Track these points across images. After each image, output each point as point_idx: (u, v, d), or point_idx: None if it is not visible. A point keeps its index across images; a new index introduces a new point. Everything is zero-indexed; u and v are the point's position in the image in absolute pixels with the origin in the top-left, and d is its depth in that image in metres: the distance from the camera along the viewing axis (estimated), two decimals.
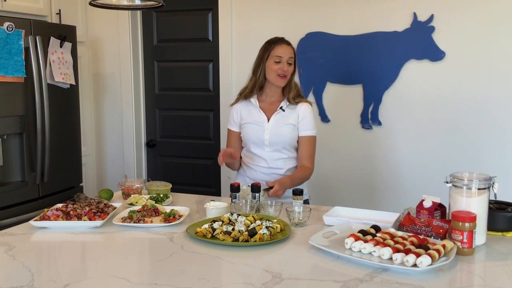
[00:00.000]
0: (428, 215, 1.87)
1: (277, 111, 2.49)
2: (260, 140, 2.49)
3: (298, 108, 2.49)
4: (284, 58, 2.44)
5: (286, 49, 2.46)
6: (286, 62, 2.44)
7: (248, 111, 2.54)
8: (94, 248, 1.82)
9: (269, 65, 2.45)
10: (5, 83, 2.90)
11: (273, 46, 2.47)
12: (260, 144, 2.49)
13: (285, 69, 2.44)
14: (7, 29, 2.85)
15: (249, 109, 2.54)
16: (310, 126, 2.49)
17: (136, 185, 2.47)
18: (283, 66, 2.43)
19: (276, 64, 2.43)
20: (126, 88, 3.95)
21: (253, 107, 2.54)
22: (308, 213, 2.00)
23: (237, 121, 2.58)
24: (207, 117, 3.86)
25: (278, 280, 1.47)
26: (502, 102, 3.00)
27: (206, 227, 1.84)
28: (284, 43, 2.49)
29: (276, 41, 2.50)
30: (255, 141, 2.51)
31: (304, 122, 2.48)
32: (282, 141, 2.47)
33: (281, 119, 2.48)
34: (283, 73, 2.44)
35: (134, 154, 4.01)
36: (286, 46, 2.48)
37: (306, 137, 2.49)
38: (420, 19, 3.09)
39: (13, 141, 3.06)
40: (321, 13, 3.33)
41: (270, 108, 2.52)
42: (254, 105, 2.53)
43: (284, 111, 2.48)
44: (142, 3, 2.27)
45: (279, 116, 2.49)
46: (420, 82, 3.15)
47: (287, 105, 2.49)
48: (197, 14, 3.77)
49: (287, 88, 2.51)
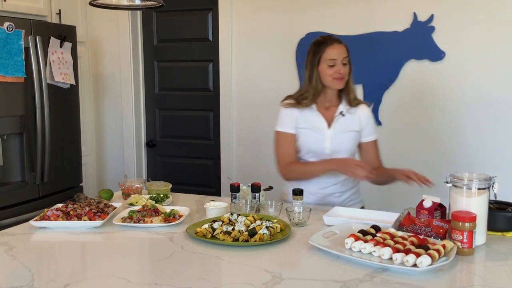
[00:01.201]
0: (428, 215, 1.87)
1: (336, 116, 2.28)
2: (320, 149, 2.27)
3: (358, 112, 2.31)
4: (338, 60, 2.21)
5: (338, 49, 2.22)
6: (341, 63, 2.21)
7: (306, 116, 2.29)
8: (94, 248, 1.82)
9: (323, 69, 2.22)
10: (5, 83, 2.90)
11: (323, 48, 2.23)
12: (320, 153, 2.27)
13: (341, 72, 2.21)
14: (7, 29, 2.85)
15: (306, 113, 2.29)
16: (373, 130, 2.35)
17: (136, 185, 2.47)
18: (338, 68, 2.20)
19: (330, 68, 2.21)
20: (126, 88, 3.95)
21: (310, 112, 2.29)
22: (308, 213, 2.00)
23: (294, 122, 2.30)
24: (207, 117, 3.86)
25: (278, 280, 1.47)
26: (502, 102, 3.00)
27: (206, 227, 1.84)
28: (335, 42, 2.24)
29: (325, 42, 2.24)
30: (314, 150, 2.28)
31: (368, 128, 2.33)
32: (344, 149, 2.28)
33: (342, 125, 2.28)
34: (340, 75, 2.21)
35: (134, 154, 4.01)
36: (337, 46, 2.23)
37: (371, 142, 2.34)
38: (420, 19, 3.09)
39: (13, 141, 3.06)
40: (321, 13, 3.33)
41: (328, 113, 2.30)
42: (313, 109, 2.28)
43: (344, 115, 2.29)
44: (142, 3, 2.27)
45: (340, 122, 2.28)
46: (420, 82, 3.15)
47: (346, 109, 2.29)
48: (197, 14, 3.77)
49: (346, 90, 2.29)
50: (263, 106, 3.56)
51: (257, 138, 3.62)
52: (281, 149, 2.33)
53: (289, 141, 2.31)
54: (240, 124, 3.67)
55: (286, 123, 2.31)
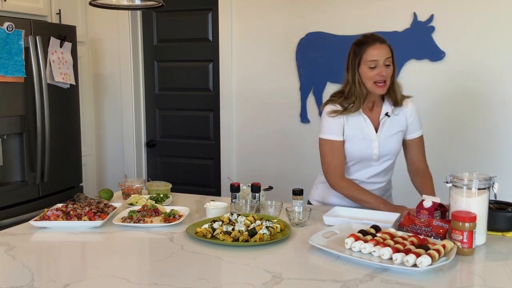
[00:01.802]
0: (428, 215, 1.87)
1: (382, 118, 2.17)
2: (368, 155, 2.17)
3: (404, 109, 2.19)
4: (380, 61, 2.06)
5: (380, 49, 2.07)
6: (384, 65, 2.06)
7: (353, 121, 2.16)
8: (94, 248, 1.82)
9: (364, 72, 2.08)
10: (5, 83, 2.90)
11: (364, 48, 2.08)
12: (368, 158, 2.18)
13: (383, 74, 2.06)
14: (7, 29, 2.85)
15: (353, 118, 2.16)
16: (419, 125, 2.24)
17: (136, 185, 2.47)
18: (381, 70, 2.06)
19: (371, 70, 2.06)
20: (126, 88, 3.95)
21: (357, 117, 2.15)
22: (308, 213, 1.99)
23: (341, 128, 2.16)
24: (207, 117, 3.86)
25: (278, 280, 1.47)
26: (502, 102, 3.00)
27: (206, 227, 1.84)
28: (377, 41, 2.09)
29: (366, 42, 2.10)
30: (362, 156, 2.18)
31: (414, 124, 2.22)
32: (392, 153, 2.20)
33: (389, 129, 2.17)
34: (382, 78, 2.06)
35: (134, 154, 4.01)
36: (379, 46, 2.08)
37: (418, 138, 2.24)
38: (420, 19, 3.09)
39: (13, 141, 3.06)
40: (321, 13, 3.33)
41: (372, 115, 2.18)
42: (360, 113, 2.15)
43: (389, 116, 2.17)
44: (142, 3, 2.27)
45: (386, 124, 2.17)
46: (420, 82, 3.15)
47: (391, 110, 2.18)
48: (197, 14, 3.77)
49: (391, 92, 2.16)
50: (263, 106, 3.56)
51: (257, 138, 3.62)
52: (329, 157, 2.18)
53: (337, 148, 2.17)
54: (240, 124, 3.67)
55: (333, 130, 2.16)
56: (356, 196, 2.16)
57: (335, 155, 2.17)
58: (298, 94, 3.45)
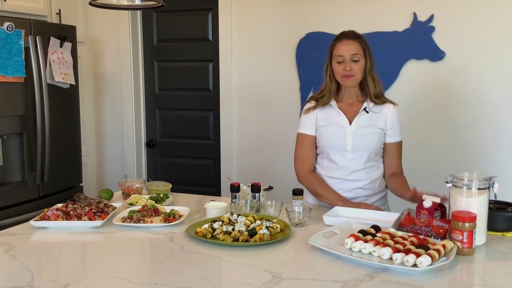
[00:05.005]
0: (428, 215, 1.87)
1: (360, 113, 2.23)
2: (341, 145, 2.22)
3: (384, 110, 2.24)
4: (346, 56, 2.16)
5: (347, 45, 2.17)
6: (350, 60, 2.16)
7: (326, 113, 2.27)
8: (94, 248, 1.82)
9: (333, 66, 2.20)
10: (5, 83, 2.90)
11: (334, 44, 2.20)
12: (342, 149, 2.23)
13: (347, 69, 2.16)
14: (7, 29, 2.85)
15: (327, 111, 2.27)
16: (398, 131, 2.28)
17: (136, 185, 2.47)
18: (345, 65, 2.16)
19: (338, 64, 2.18)
20: (126, 88, 3.95)
21: (331, 109, 2.26)
22: (308, 213, 2.00)
23: (313, 123, 2.29)
24: (207, 117, 3.86)
25: (278, 280, 1.47)
26: (502, 102, 3.00)
27: (206, 227, 1.84)
28: (346, 38, 2.19)
29: (337, 38, 2.21)
30: (335, 146, 2.24)
31: (394, 128, 2.26)
32: (366, 147, 2.22)
33: (365, 122, 2.22)
34: (347, 73, 2.17)
35: (134, 154, 4.01)
36: (347, 42, 2.17)
37: (396, 143, 2.28)
38: (420, 19, 3.09)
39: (13, 141, 3.06)
40: (321, 13, 3.33)
41: (351, 109, 2.25)
42: (332, 106, 2.26)
43: (368, 112, 2.23)
44: (142, 3, 2.27)
45: (363, 118, 2.23)
46: (420, 82, 3.15)
47: (370, 106, 2.23)
48: (197, 14, 3.77)
49: (365, 87, 2.23)
50: (263, 106, 3.56)
51: (257, 138, 3.62)
52: (298, 150, 2.34)
53: (307, 142, 2.31)
54: (240, 124, 3.67)
55: (305, 125, 2.31)
56: (317, 190, 2.27)
57: (304, 149, 2.31)
58: (298, 94, 3.45)
